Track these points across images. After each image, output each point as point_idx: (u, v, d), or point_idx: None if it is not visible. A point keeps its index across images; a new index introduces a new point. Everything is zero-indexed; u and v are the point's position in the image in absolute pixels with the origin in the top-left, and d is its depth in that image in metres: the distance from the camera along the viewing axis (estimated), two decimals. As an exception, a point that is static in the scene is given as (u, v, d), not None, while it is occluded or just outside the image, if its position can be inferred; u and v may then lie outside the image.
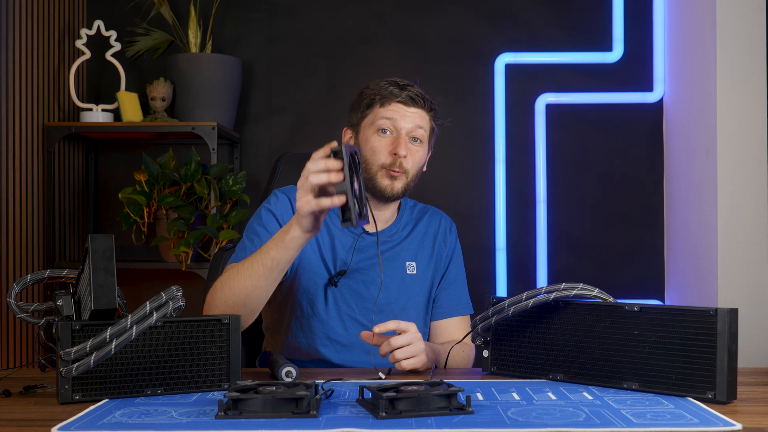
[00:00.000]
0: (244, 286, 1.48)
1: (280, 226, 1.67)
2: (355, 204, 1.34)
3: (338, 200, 1.33)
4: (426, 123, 1.71)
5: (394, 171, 1.66)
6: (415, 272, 1.77)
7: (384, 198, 1.69)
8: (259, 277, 1.47)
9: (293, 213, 1.69)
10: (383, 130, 1.67)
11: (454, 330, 1.80)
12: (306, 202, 1.36)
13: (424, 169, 1.76)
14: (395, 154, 1.65)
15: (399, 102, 1.67)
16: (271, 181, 2.06)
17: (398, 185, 1.67)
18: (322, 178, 1.34)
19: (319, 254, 1.71)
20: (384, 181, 1.67)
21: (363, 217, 1.38)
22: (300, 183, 1.37)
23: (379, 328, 1.47)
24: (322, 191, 1.36)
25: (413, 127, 1.68)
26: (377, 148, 1.67)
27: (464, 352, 1.75)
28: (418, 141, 1.69)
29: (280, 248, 1.44)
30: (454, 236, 1.85)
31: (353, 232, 1.73)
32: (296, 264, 1.70)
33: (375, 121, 1.68)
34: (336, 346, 1.70)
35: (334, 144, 1.36)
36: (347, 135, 1.76)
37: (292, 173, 2.05)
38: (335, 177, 1.33)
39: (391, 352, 1.47)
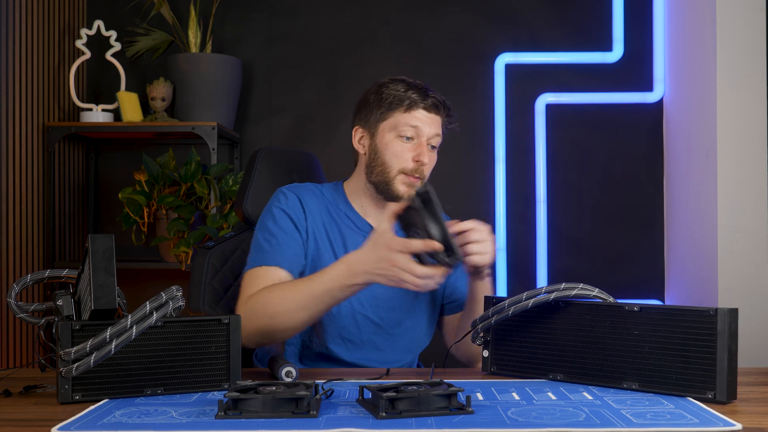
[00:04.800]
0: (298, 317, 1.51)
1: (295, 226, 1.68)
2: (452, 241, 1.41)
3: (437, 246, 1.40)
4: (441, 129, 1.71)
5: (415, 177, 1.67)
6: None
7: (396, 200, 1.69)
8: (313, 310, 1.50)
9: (303, 211, 1.70)
10: (407, 137, 1.67)
11: None
12: (424, 276, 1.40)
13: None
14: (418, 161, 1.66)
15: (423, 109, 1.67)
16: (249, 177, 1.98)
17: (413, 191, 1.68)
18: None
19: (332, 255, 1.70)
20: (401, 187, 1.68)
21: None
22: (401, 262, 1.40)
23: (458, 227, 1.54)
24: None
25: (434, 135, 1.69)
26: (400, 153, 1.67)
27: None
28: (435, 148, 1.71)
29: (346, 291, 1.48)
30: None
31: (363, 231, 1.73)
32: (309, 264, 1.69)
33: (398, 126, 1.67)
34: (348, 344, 1.70)
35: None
36: (358, 134, 1.74)
37: (270, 168, 1.98)
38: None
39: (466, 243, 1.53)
